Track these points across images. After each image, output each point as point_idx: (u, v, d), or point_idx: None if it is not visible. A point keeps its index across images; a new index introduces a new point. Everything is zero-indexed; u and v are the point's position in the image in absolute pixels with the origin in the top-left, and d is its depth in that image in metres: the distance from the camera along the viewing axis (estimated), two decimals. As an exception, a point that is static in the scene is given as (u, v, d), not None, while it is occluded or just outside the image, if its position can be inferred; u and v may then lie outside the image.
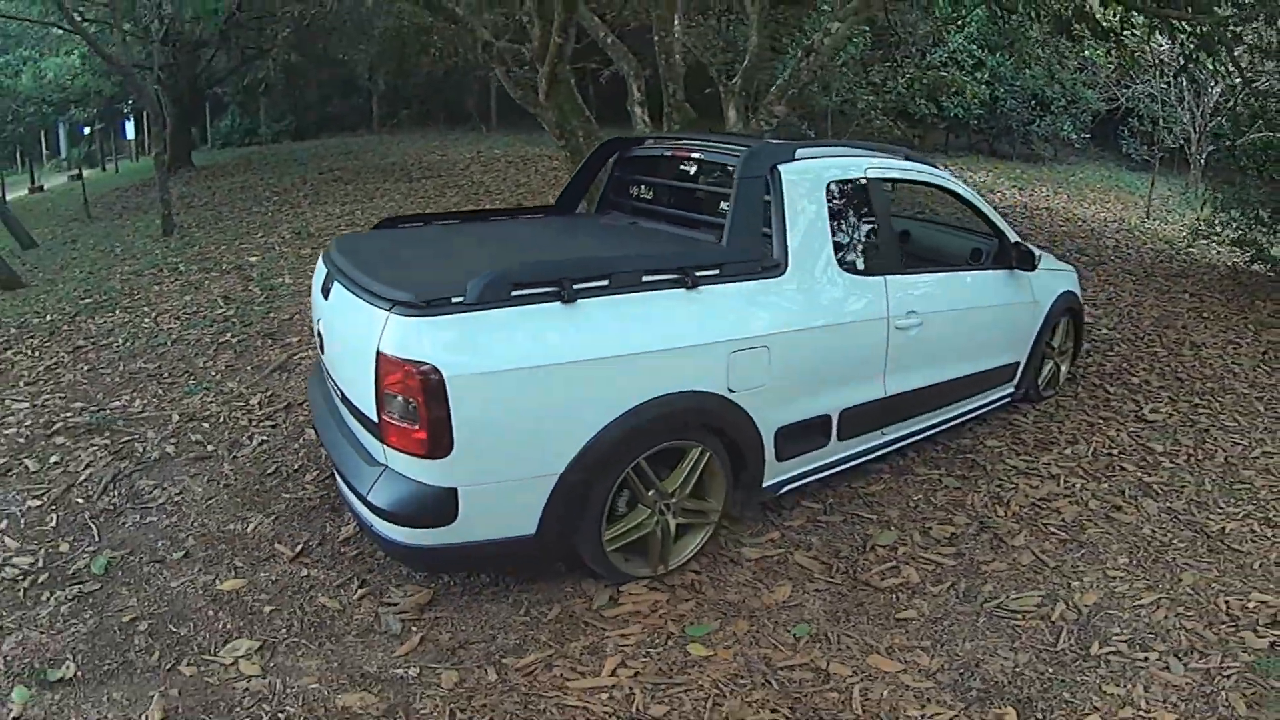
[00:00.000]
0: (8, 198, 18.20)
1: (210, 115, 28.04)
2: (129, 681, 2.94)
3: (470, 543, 3.13)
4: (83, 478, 4.44)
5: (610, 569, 3.50)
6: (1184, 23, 8.57)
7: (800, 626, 3.40)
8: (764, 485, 3.91)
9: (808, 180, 4.00)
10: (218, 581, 3.52)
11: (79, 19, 14.26)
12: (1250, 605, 3.64)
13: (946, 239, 5.84)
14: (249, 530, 3.93)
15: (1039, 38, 13.75)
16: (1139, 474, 4.92)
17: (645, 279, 3.33)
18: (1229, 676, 3.17)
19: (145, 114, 18.01)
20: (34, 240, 12.62)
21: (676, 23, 7.96)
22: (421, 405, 2.87)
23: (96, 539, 3.87)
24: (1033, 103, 19.57)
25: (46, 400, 5.57)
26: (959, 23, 16.88)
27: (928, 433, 4.87)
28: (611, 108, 14.98)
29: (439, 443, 2.92)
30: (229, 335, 6.64)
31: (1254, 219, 9.85)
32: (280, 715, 2.79)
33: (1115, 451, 5.20)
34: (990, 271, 5.14)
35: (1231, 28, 8.65)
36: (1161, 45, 14.76)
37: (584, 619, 3.36)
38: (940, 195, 5.18)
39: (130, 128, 19.91)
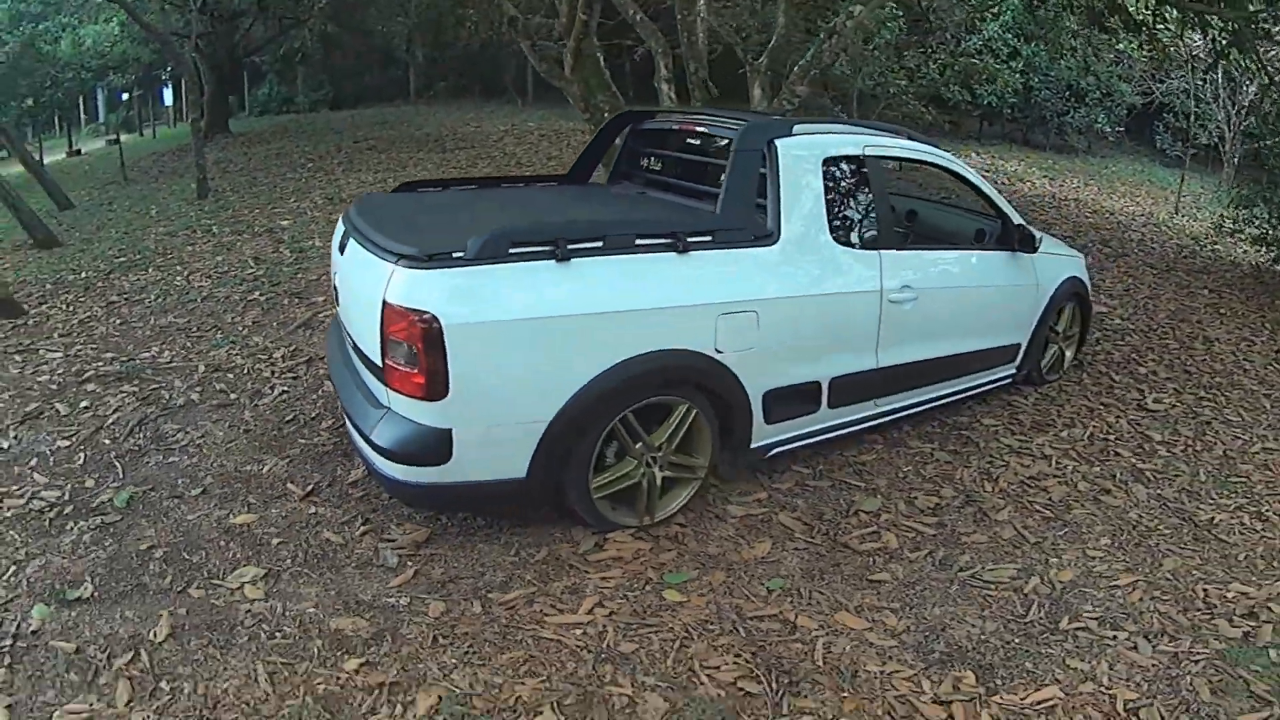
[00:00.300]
0: (45, 161, 18.54)
1: (249, 83, 28.38)
2: (141, 601, 3.14)
3: (463, 483, 3.30)
4: (110, 421, 4.65)
5: (597, 516, 3.65)
6: (1216, 18, 8.56)
7: (775, 580, 3.51)
8: (752, 446, 4.02)
9: (803, 155, 4.12)
10: (231, 516, 3.72)
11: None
12: (1229, 595, 3.68)
13: (953, 219, 5.91)
14: (264, 471, 4.12)
15: (1074, 29, 13.66)
16: (1133, 460, 4.96)
17: (638, 242, 3.47)
18: (1197, 662, 3.21)
19: (183, 81, 18.28)
20: (70, 202, 12.85)
21: (702, 2, 8.05)
22: (421, 351, 3.04)
23: (121, 476, 4.07)
24: (1067, 94, 19.39)
25: (79, 350, 5.81)
26: (994, 11, 16.84)
27: (923, 407, 4.96)
28: (644, 84, 15.04)
29: (436, 387, 3.09)
30: (257, 293, 6.86)
31: (1278, 218, 9.80)
32: (277, 634, 2.97)
33: (1112, 437, 5.25)
34: (990, 252, 5.22)
35: (1262, 24, 8.62)
36: (1195, 41, 14.65)
37: (569, 562, 3.50)
38: (952, 179, 5.24)
39: (168, 94, 20.06)
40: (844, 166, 4.51)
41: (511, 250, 3.17)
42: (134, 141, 24.21)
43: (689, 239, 3.58)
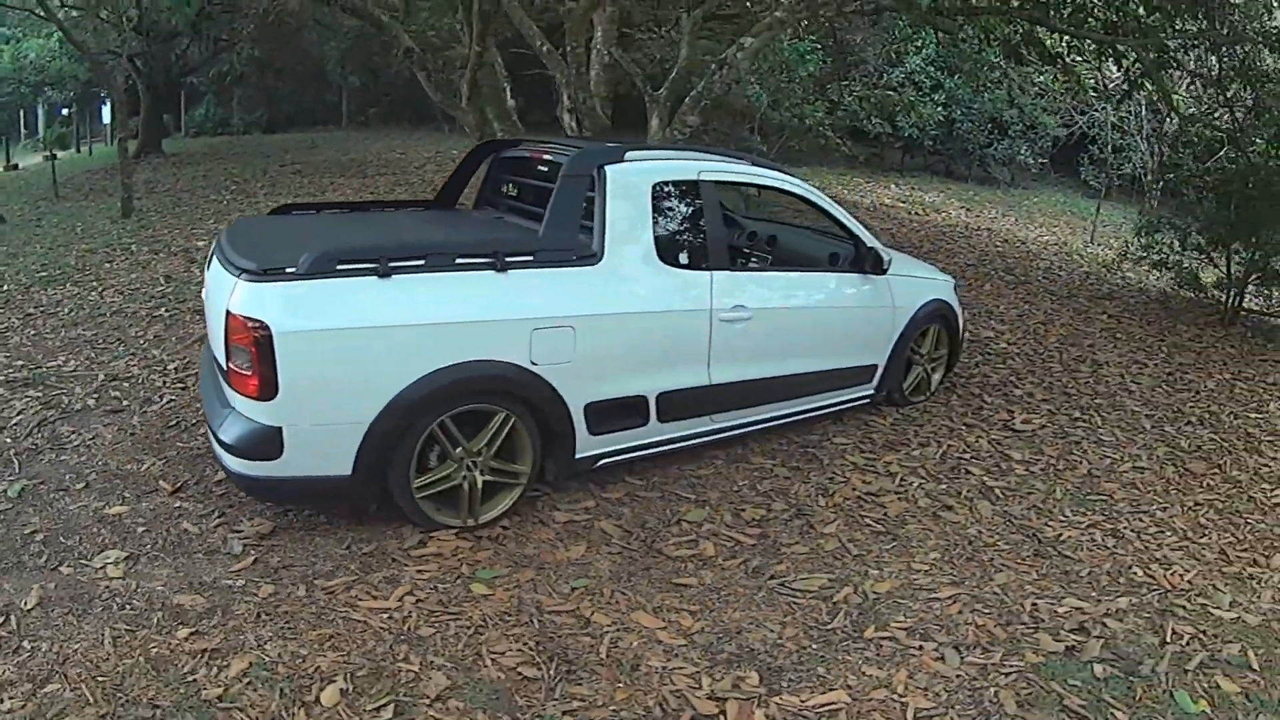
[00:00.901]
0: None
1: (189, 104, 28.62)
2: (18, 576, 3.64)
3: (295, 477, 3.75)
4: (13, 422, 5.15)
5: (421, 515, 4.03)
6: (1130, 49, 8.96)
7: (581, 580, 3.84)
8: (578, 456, 4.35)
9: (631, 180, 4.48)
10: (106, 507, 4.23)
11: (56, 4, 14.91)
12: (1060, 610, 3.85)
13: (811, 243, 6.17)
14: (142, 470, 4.63)
15: (996, 62, 14.13)
16: (985, 478, 5.19)
17: (458, 261, 3.93)
18: (1007, 674, 3.37)
19: (112, 100, 18.60)
20: (1, 216, 13.21)
21: (599, 35, 8.62)
22: (254, 356, 3.55)
23: (16, 471, 4.57)
24: (989, 126, 20.04)
25: None
26: (917, 44, 17.51)
27: (768, 424, 5.26)
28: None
29: (267, 388, 3.58)
30: (163, 310, 7.37)
31: (1185, 245, 10.19)
32: (127, 606, 3.47)
33: (967, 456, 5.47)
34: (838, 274, 5.54)
35: (1173, 55, 9.17)
36: (1113, 73, 15.27)
37: (392, 555, 3.91)
38: (804, 204, 5.54)
39: (107, 112, 20.39)
40: (676, 191, 4.92)
41: (339, 266, 3.67)
42: (71, 158, 24.37)
43: (508, 259, 3.99)
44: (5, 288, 8.37)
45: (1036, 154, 20.72)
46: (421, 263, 3.84)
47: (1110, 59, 9.62)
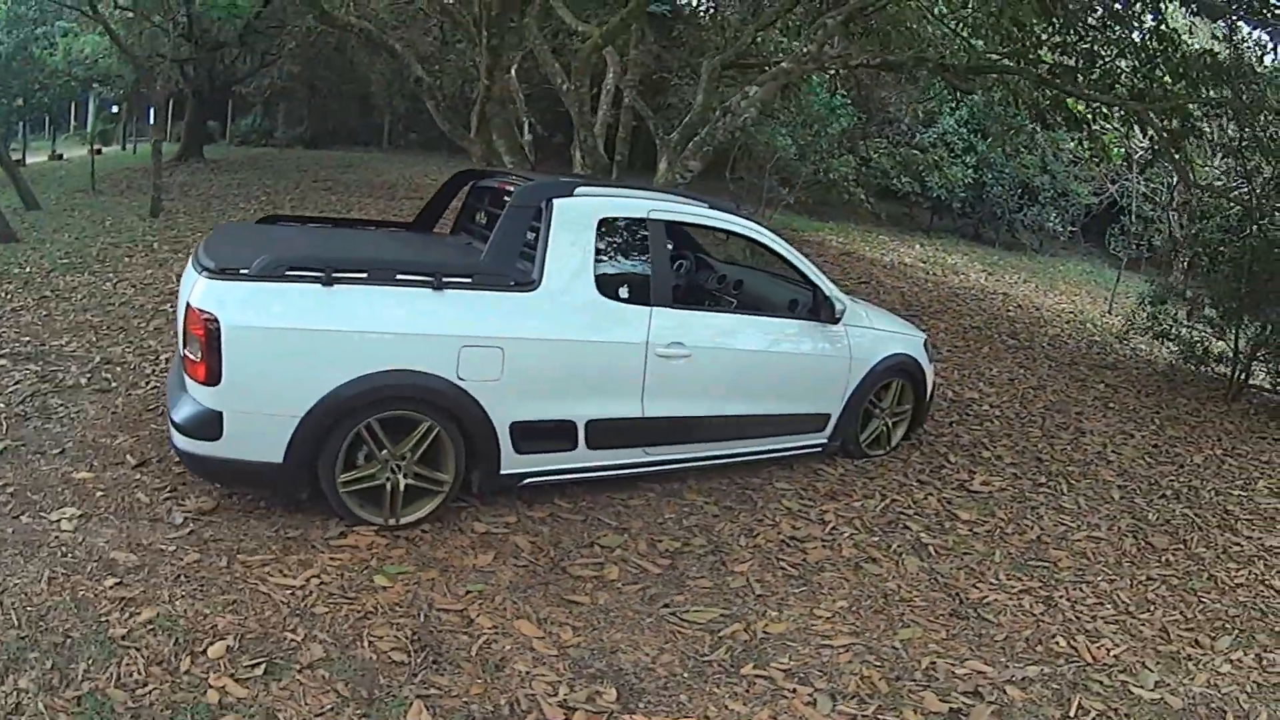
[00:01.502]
0: (28, 162, 19.65)
1: (237, 113, 29.56)
2: None
3: (231, 459, 4.12)
4: (9, 390, 5.63)
5: (345, 509, 4.33)
6: (1154, 116, 9.09)
7: (478, 585, 4.06)
8: (503, 472, 4.59)
9: (577, 213, 4.76)
10: (74, 472, 4.65)
11: (115, 5, 15.65)
12: (960, 671, 3.82)
13: (773, 288, 6.31)
14: (114, 444, 5.06)
15: (1025, 126, 14.25)
16: (922, 535, 5.16)
17: (398, 276, 4.29)
18: None
19: (169, 101, 19.39)
20: (38, 203, 13.92)
21: (610, 77, 9.04)
22: (204, 344, 3.97)
23: (3, 433, 5.02)
24: (1020, 191, 20.18)
25: (2, 332, 6.81)
26: (951, 105, 17.73)
27: (709, 462, 5.41)
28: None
29: (212, 375, 3.99)
30: (169, 306, 7.83)
31: (1191, 316, 10.25)
32: (69, 556, 3.86)
33: (910, 512, 5.45)
34: (790, 320, 5.68)
35: (1197, 123, 9.33)
36: (1142, 143, 15.32)
37: (313, 542, 4.23)
38: (764, 250, 5.72)
39: (154, 113, 21.27)
40: (623, 227, 5.24)
41: (288, 272, 4.09)
42: (115, 154, 25.37)
43: (446, 279, 4.33)
44: (28, 270, 8.97)
45: (1066, 221, 20.78)
46: (364, 276, 4.23)
47: (1136, 125, 9.76)
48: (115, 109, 29.20)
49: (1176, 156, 9.75)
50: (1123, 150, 15.17)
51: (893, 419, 6.31)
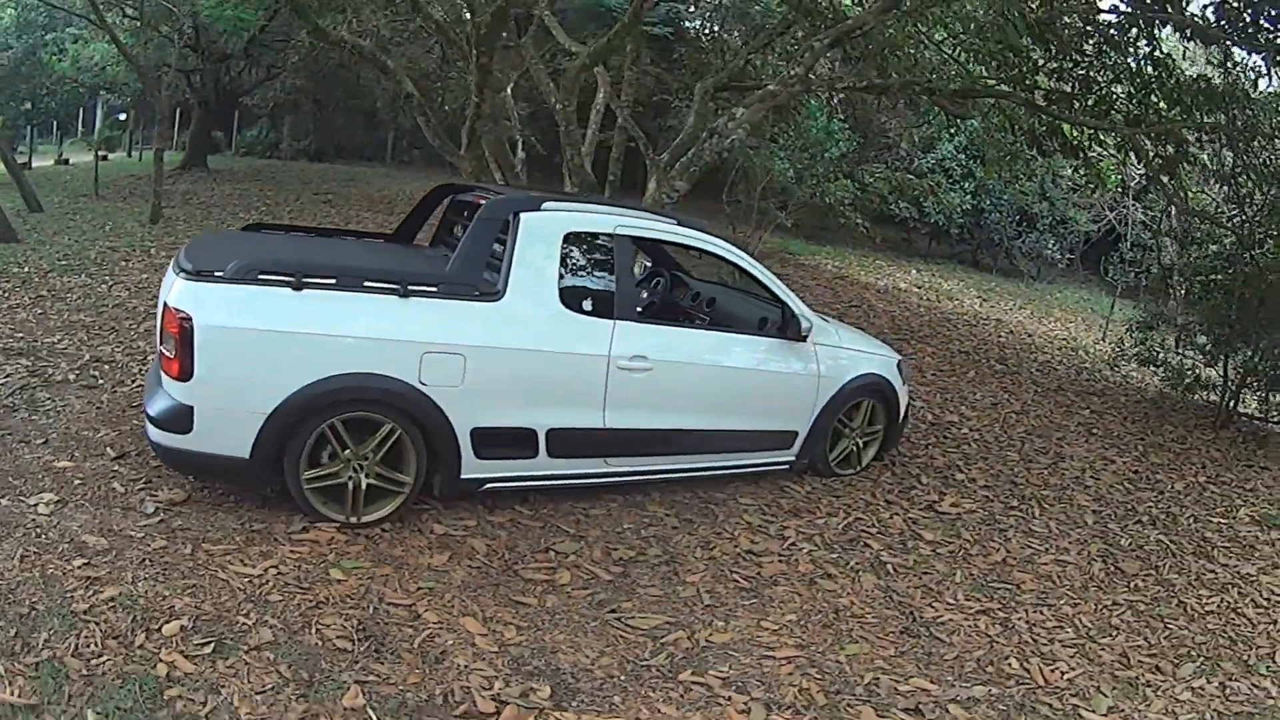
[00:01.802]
0: (34, 165, 19.93)
1: (244, 125, 29.87)
2: None
3: (201, 452, 4.32)
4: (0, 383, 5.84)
5: (308, 505, 4.50)
6: (1148, 142, 9.18)
7: (429, 583, 4.22)
8: (464, 476, 4.75)
9: (543, 227, 4.92)
10: (56, 461, 4.87)
11: (122, 14, 15.88)
12: (903, 689, 3.86)
13: (744, 306, 6.41)
14: (96, 437, 5.27)
15: (1022, 153, 13.95)
16: (882, 553, 5.19)
17: (365, 284, 4.49)
18: None
19: (176, 110, 19.64)
20: (41, 206, 14.22)
21: (600, 95, 9.21)
22: (177, 340, 4.19)
23: (-10, 424, 5.27)
24: (1018, 218, 20.22)
25: None
26: (950, 131, 17.90)
27: (671, 474, 5.54)
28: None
29: (184, 371, 4.21)
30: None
31: (1179, 343, 10.16)
32: (42, 537, 4.07)
33: (873, 531, 5.48)
34: (756, 337, 5.77)
35: (1191, 150, 9.35)
36: (1138, 168, 15.40)
37: (275, 535, 4.40)
38: (734, 268, 5.85)
39: (157, 121, 21.59)
40: (589, 241, 5.42)
41: (260, 276, 4.31)
42: (121, 160, 25.70)
43: (411, 287, 4.52)
44: (26, 270, 9.23)
45: (1064, 249, 20.76)
46: (332, 282, 4.44)
47: (1131, 152, 9.77)
48: (123, 116, 29.53)
49: (1170, 182, 9.81)
50: (1119, 177, 15.17)
51: (863, 439, 6.37)
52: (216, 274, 4.29)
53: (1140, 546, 5.87)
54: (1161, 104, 9.09)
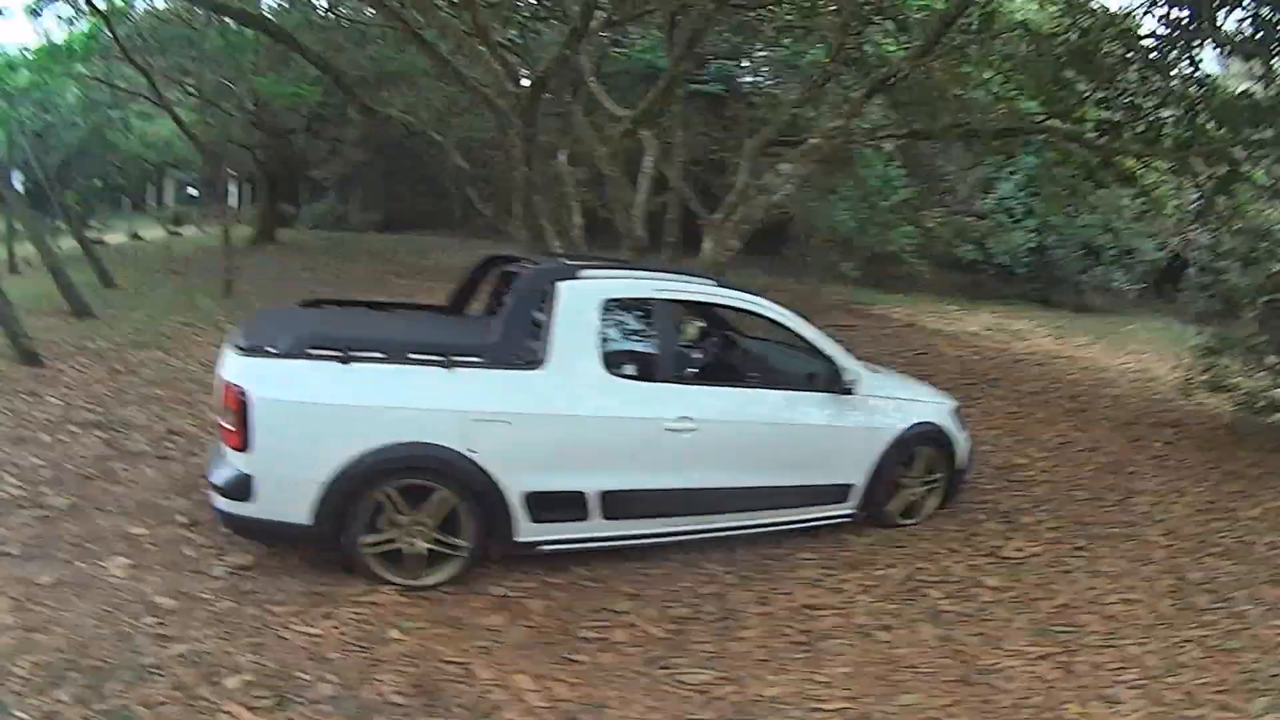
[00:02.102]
0: (108, 241, 20.99)
1: (313, 198, 30.69)
2: (44, 563, 4.68)
3: (263, 519, 4.58)
4: (79, 455, 6.26)
5: (367, 570, 4.69)
6: (1203, 163, 9.13)
7: (485, 641, 4.36)
8: (518, 540, 4.89)
9: (582, 296, 5.07)
10: (130, 527, 5.19)
11: (183, 91, 16.54)
12: None
13: (794, 363, 6.23)
14: (168, 505, 5.58)
15: (1076, 185, 13.56)
16: (942, 602, 5.14)
17: (410, 356, 4.71)
18: None
19: (243, 185, 20.28)
20: (114, 281, 14.94)
21: (648, 161, 9.40)
22: (236, 414, 4.46)
23: (70, 490, 5.62)
24: (1083, 252, 19.81)
25: (74, 401, 7.61)
26: (1010, 170, 17.82)
27: (727, 533, 5.56)
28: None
29: (242, 441, 4.46)
30: (233, 381, 8.45)
31: (1247, 363, 9.88)
32: (116, 597, 4.35)
33: (934, 580, 5.41)
34: (802, 392, 5.76)
35: (1242, 168, 9.24)
36: (1194, 193, 15.20)
37: (338, 598, 4.56)
38: (773, 325, 5.86)
39: (232, 196, 22.43)
40: (628, 306, 5.59)
41: (310, 350, 4.58)
42: (193, 236, 26.53)
43: (456, 358, 4.74)
44: (102, 344, 9.82)
45: (1134, 279, 20.28)
46: (379, 355, 4.69)
47: (1185, 176, 9.68)
48: (193, 192, 30.46)
49: (1227, 202, 9.66)
50: (1178, 203, 14.95)
51: (924, 488, 6.31)
52: (269, 349, 4.58)
53: (1211, 580, 5.69)
54: (1209, 124, 8.96)
